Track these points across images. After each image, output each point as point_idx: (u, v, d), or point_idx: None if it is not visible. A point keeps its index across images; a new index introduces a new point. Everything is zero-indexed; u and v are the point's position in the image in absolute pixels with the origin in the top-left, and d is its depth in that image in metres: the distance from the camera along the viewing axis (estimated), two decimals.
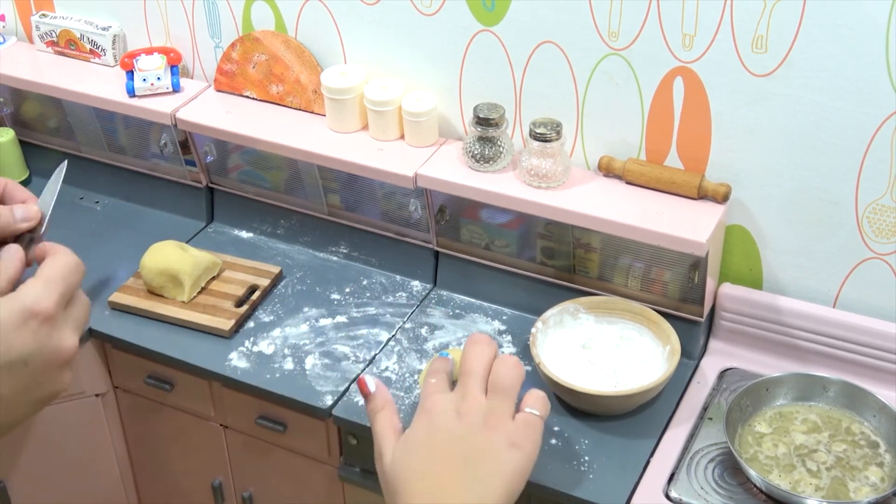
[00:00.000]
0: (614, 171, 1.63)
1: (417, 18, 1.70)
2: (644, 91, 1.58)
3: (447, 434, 0.87)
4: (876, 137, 1.45)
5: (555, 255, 1.70)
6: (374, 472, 0.92)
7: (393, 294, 1.82)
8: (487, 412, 0.88)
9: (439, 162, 1.71)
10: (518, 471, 0.86)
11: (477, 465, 0.85)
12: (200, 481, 1.91)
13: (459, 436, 0.87)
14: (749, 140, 1.54)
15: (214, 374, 1.69)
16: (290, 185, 1.89)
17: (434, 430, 0.88)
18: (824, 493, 1.38)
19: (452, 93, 1.74)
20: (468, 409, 0.88)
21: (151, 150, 2.00)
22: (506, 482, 0.85)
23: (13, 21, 2.14)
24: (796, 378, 1.52)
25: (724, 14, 1.45)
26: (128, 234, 1.96)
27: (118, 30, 2.00)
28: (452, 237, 1.78)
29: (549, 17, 1.59)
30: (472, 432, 0.87)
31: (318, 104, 1.82)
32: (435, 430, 0.88)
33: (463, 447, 0.86)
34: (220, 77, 1.91)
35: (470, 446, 0.86)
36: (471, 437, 0.87)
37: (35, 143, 2.15)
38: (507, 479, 0.85)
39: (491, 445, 0.86)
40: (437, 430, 0.88)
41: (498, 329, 1.73)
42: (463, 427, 0.87)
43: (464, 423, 0.87)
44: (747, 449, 1.45)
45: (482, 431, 0.87)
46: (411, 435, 0.88)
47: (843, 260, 1.56)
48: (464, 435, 0.87)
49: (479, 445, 0.86)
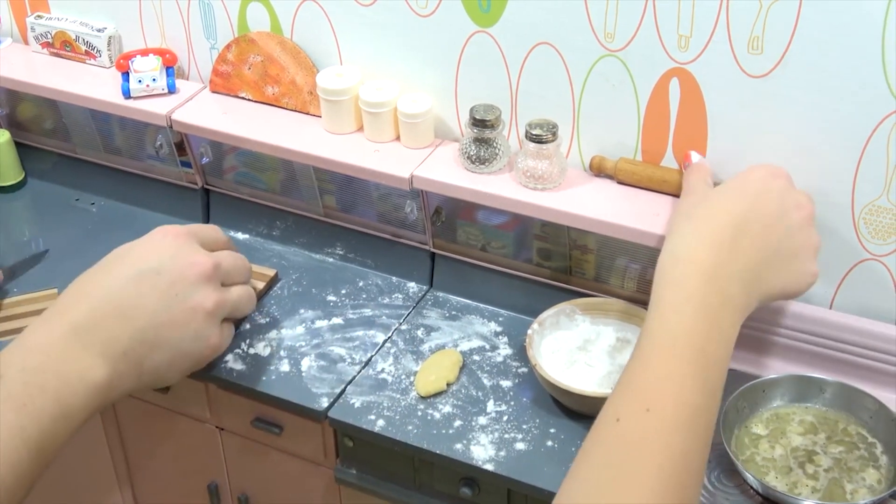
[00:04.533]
0: (606, 170, 1.63)
1: (413, 20, 1.69)
2: (640, 92, 1.58)
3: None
4: (872, 138, 1.45)
5: (551, 257, 1.70)
6: (370, 473, 0.92)
7: (389, 295, 1.82)
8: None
9: (435, 163, 1.71)
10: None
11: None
12: (196, 484, 1.91)
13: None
14: (745, 141, 1.54)
15: (210, 376, 1.69)
16: (286, 187, 1.89)
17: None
18: (821, 495, 1.38)
19: (448, 94, 1.74)
20: None
21: (147, 152, 2.00)
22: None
23: (8, 22, 2.13)
24: (793, 379, 1.52)
25: (719, 15, 1.45)
26: (123, 235, 1.93)
27: (113, 31, 2.00)
28: (448, 238, 1.78)
29: (544, 19, 1.59)
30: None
31: (314, 105, 1.82)
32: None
33: None
34: (216, 78, 1.91)
35: None
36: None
37: (30, 145, 2.15)
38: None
39: None
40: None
41: (494, 330, 1.73)
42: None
43: None
44: (744, 451, 1.45)
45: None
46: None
47: (839, 261, 1.56)
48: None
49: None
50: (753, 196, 0.93)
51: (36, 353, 0.87)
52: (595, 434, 0.79)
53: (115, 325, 0.86)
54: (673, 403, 0.80)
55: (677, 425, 0.79)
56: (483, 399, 1.59)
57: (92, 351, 0.86)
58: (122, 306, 0.86)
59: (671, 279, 0.88)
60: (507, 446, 1.51)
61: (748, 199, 0.93)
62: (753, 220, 0.92)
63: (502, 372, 1.64)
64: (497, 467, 1.48)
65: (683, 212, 0.96)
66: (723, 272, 0.89)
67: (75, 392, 0.87)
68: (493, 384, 1.62)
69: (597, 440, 0.79)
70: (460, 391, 1.61)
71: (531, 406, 1.57)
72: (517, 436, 1.52)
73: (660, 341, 0.84)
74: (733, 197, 0.93)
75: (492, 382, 1.62)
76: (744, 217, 0.92)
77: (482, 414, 1.57)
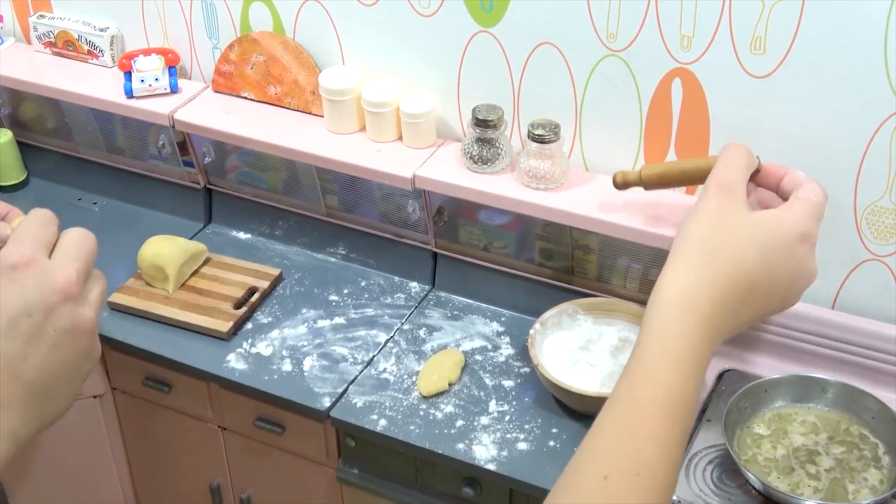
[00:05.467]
0: (631, 183, 1.48)
1: (415, 19, 1.69)
2: (642, 92, 1.58)
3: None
4: (875, 139, 1.44)
5: (553, 257, 1.70)
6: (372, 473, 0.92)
7: (391, 295, 1.82)
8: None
9: (437, 163, 1.71)
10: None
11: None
12: (198, 483, 1.91)
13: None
14: (747, 141, 1.52)
15: (212, 376, 1.69)
16: (288, 186, 1.89)
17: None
18: (823, 495, 1.38)
19: (450, 94, 1.74)
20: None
21: (149, 151, 2.00)
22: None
23: (11, 22, 2.13)
24: (795, 380, 1.52)
25: (722, 15, 1.45)
26: (126, 235, 1.96)
27: (116, 31, 2.00)
28: (451, 238, 1.78)
29: (547, 19, 1.59)
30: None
31: (316, 105, 1.82)
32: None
33: None
34: (218, 78, 1.91)
35: None
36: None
37: (33, 144, 2.15)
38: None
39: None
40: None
41: (496, 330, 1.73)
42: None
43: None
44: (746, 451, 1.45)
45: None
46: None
47: (841, 261, 1.56)
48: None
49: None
50: (779, 258, 0.86)
51: None
52: (580, 488, 0.77)
53: (5, 391, 0.81)
54: (663, 466, 0.79)
55: (665, 486, 0.79)
56: (485, 399, 1.59)
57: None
58: (7, 367, 0.80)
59: (670, 327, 0.83)
60: (509, 446, 1.51)
61: (773, 259, 0.85)
62: (768, 283, 0.86)
63: (504, 372, 1.64)
64: (499, 467, 1.48)
65: (699, 237, 0.87)
66: (724, 328, 0.85)
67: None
68: (495, 384, 1.62)
69: (582, 495, 0.77)
70: (462, 391, 1.61)
71: (533, 406, 1.58)
72: (519, 436, 1.52)
73: (652, 397, 0.80)
74: (759, 250, 0.85)
75: (494, 382, 1.62)
76: (762, 277, 0.85)
77: (484, 414, 1.57)
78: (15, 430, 0.79)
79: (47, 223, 0.83)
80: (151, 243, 1.81)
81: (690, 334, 0.82)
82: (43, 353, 0.79)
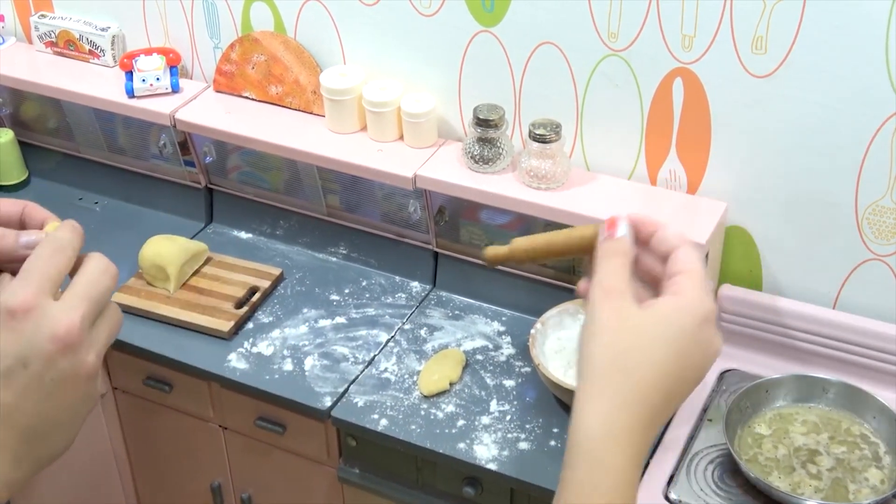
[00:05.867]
0: (501, 259, 1.26)
1: (416, 19, 1.69)
2: (644, 92, 1.58)
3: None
4: (876, 139, 1.44)
5: None
6: (373, 473, 0.92)
7: (392, 295, 1.82)
8: None
9: (438, 163, 1.71)
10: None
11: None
12: (199, 483, 1.91)
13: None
14: (749, 141, 1.54)
15: (213, 376, 1.69)
16: (290, 186, 1.89)
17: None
18: (824, 495, 1.38)
19: (452, 94, 1.74)
20: None
21: (151, 151, 2.00)
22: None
23: (12, 21, 2.13)
24: (796, 379, 1.52)
25: (723, 15, 1.45)
26: (127, 234, 1.96)
27: (117, 30, 2.00)
28: (452, 238, 1.77)
29: (548, 18, 1.59)
30: None
31: (318, 105, 1.82)
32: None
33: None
34: (220, 78, 1.91)
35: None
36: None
37: (34, 144, 2.15)
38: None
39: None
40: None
41: (497, 330, 1.73)
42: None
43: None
44: (747, 450, 1.45)
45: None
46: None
47: (842, 261, 1.56)
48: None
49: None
50: (688, 348, 0.82)
51: None
52: None
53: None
54: None
55: None
56: (486, 398, 1.59)
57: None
58: (1, 416, 0.79)
59: (600, 463, 0.81)
60: (510, 446, 1.51)
61: (683, 351, 0.82)
62: (683, 376, 0.84)
63: (505, 371, 1.64)
64: (500, 467, 1.48)
65: (605, 357, 0.83)
66: (651, 438, 0.83)
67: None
68: (496, 384, 1.62)
69: None
70: (463, 391, 1.61)
71: (534, 405, 1.57)
72: (520, 435, 1.52)
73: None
74: (668, 347, 0.82)
75: (495, 382, 1.62)
76: (677, 374, 0.83)
77: (485, 413, 1.57)
78: (5, 476, 0.78)
79: (60, 251, 0.80)
80: (152, 243, 1.81)
81: (622, 465, 0.80)
82: (39, 401, 0.77)
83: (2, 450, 0.77)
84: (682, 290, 0.82)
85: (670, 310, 0.81)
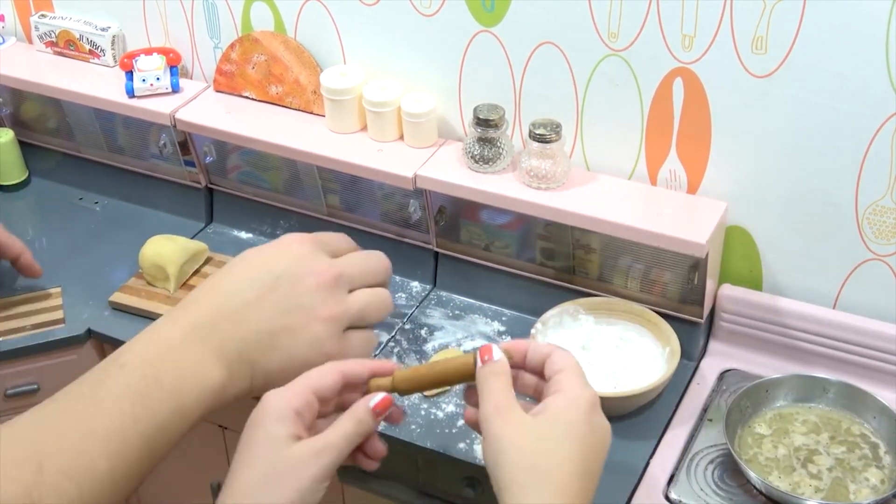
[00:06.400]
0: (384, 389, 1.07)
1: (417, 19, 1.69)
2: (644, 92, 1.58)
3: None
4: (876, 138, 1.44)
5: (554, 256, 1.70)
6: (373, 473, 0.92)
7: (392, 295, 1.81)
8: None
9: (439, 163, 1.71)
10: None
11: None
12: (199, 482, 1.91)
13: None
14: (749, 141, 1.54)
15: None
16: (290, 186, 1.89)
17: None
18: (824, 495, 1.38)
19: (452, 94, 1.74)
20: None
21: (151, 151, 2.00)
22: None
23: (12, 21, 2.13)
24: (796, 379, 1.52)
25: (723, 15, 1.45)
26: (127, 234, 1.96)
27: (117, 30, 2.00)
28: (452, 238, 1.78)
29: (548, 18, 1.59)
30: None
31: (318, 105, 1.82)
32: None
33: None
34: (220, 77, 1.91)
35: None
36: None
37: (34, 144, 2.15)
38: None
39: None
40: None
41: (497, 330, 1.73)
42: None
43: None
44: (747, 450, 1.45)
45: None
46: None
47: (843, 261, 1.56)
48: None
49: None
50: (586, 435, 0.87)
51: (156, 346, 0.92)
52: None
53: (231, 326, 0.92)
54: None
55: None
56: None
57: (208, 350, 0.92)
58: (239, 309, 0.91)
59: None
60: None
61: (584, 439, 0.86)
62: (591, 471, 0.88)
63: None
64: None
65: (520, 470, 0.87)
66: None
67: (191, 389, 0.92)
68: None
69: None
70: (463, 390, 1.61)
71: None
72: None
73: None
74: (571, 442, 0.86)
75: None
76: (586, 470, 0.87)
77: None
78: (217, 377, 0.92)
79: (341, 237, 0.99)
80: (152, 243, 1.81)
81: None
82: (274, 313, 0.92)
83: (230, 340, 0.87)
84: (564, 386, 0.88)
85: (560, 407, 0.86)
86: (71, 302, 1.80)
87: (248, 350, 0.93)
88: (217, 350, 0.93)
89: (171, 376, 0.91)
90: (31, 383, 1.75)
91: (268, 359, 0.94)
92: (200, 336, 0.92)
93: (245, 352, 0.93)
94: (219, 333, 0.92)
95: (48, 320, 1.76)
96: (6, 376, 1.74)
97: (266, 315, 0.93)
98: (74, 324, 1.76)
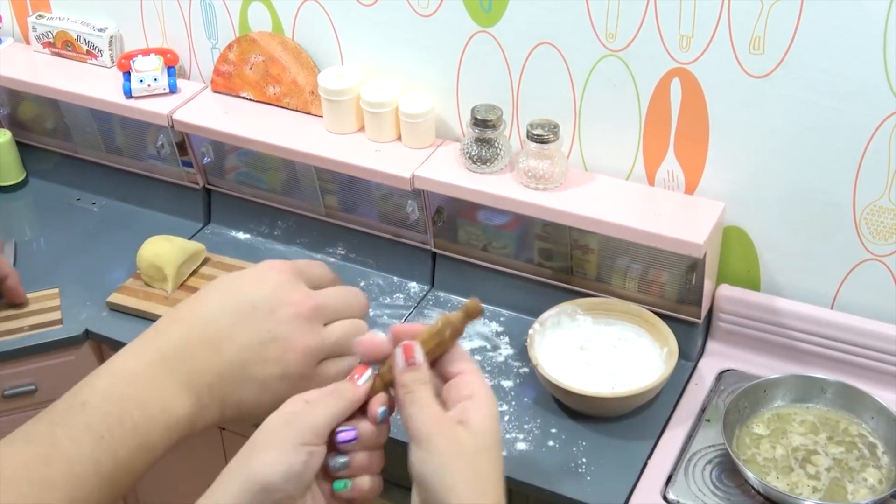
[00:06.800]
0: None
1: (414, 19, 1.69)
2: (641, 92, 1.58)
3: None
4: (874, 139, 1.44)
5: (552, 257, 1.70)
6: None
7: (390, 295, 1.82)
8: None
9: (436, 163, 1.71)
10: None
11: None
12: (198, 484, 1.90)
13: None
14: (747, 141, 1.54)
15: None
16: (288, 187, 1.89)
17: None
18: (822, 495, 1.38)
19: (450, 94, 1.74)
20: None
21: (148, 152, 2.00)
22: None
23: (10, 22, 2.13)
24: (794, 380, 1.52)
25: (721, 15, 1.45)
26: (125, 235, 1.96)
27: (115, 31, 2.00)
28: (450, 238, 1.77)
29: (546, 19, 1.59)
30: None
31: (315, 105, 1.82)
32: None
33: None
34: (217, 78, 1.91)
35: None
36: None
37: (32, 145, 2.15)
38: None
39: None
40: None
41: (495, 330, 1.73)
42: None
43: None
44: (745, 451, 1.45)
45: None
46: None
47: (841, 261, 1.56)
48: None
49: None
50: (498, 445, 0.90)
51: (120, 381, 0.87)
52: None
53: (202, 357, 0.87)
54: None
55: None
56: None
57: (176, 382, 0.87)
58: (212, 339, 0.86)
59: None
60: (509, 446, 1.51)
61: (498, 447, 0.90)
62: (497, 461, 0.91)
63: (503, 372, 1.64)
64: None
65: (465, 483, 0.89)
66: None
67: (156, 424, 0.88)
68: (494, 384, 1.62)
69: None
70: None
71: (532, 406, 1.57)
72: (518, 436, 1.52)
73: None
74: (497, 446, 0.88)
75: (493, 382, 1.62)
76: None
77: None
78: (187, 408, 0.86)
79: (319, 266, 0.97)
80: (150, 243, 1.81)
81: None
82: (249, 343, 0.86)
83: (201, 372, 0.83)
84: (476, 390, 0.89)
85: (484, 416, 0.90)
86: (69, 303, 1.80)
87: (219, 383, 0.88)
88: (186, 383, 0.88)
89: (135, 414, 0.87)
90: (28, 384, 1.75)
91: (240, 390, 0.89)
92: (169, 368, 0.87)
93: (216, 385, 0.88)
94: (188, 365, 0.87)
95: (46, 321, 1.76)
96: (4, 377, 1.74)
97: (240, 346, 0.87)
98: (72, 324, 1.76)
